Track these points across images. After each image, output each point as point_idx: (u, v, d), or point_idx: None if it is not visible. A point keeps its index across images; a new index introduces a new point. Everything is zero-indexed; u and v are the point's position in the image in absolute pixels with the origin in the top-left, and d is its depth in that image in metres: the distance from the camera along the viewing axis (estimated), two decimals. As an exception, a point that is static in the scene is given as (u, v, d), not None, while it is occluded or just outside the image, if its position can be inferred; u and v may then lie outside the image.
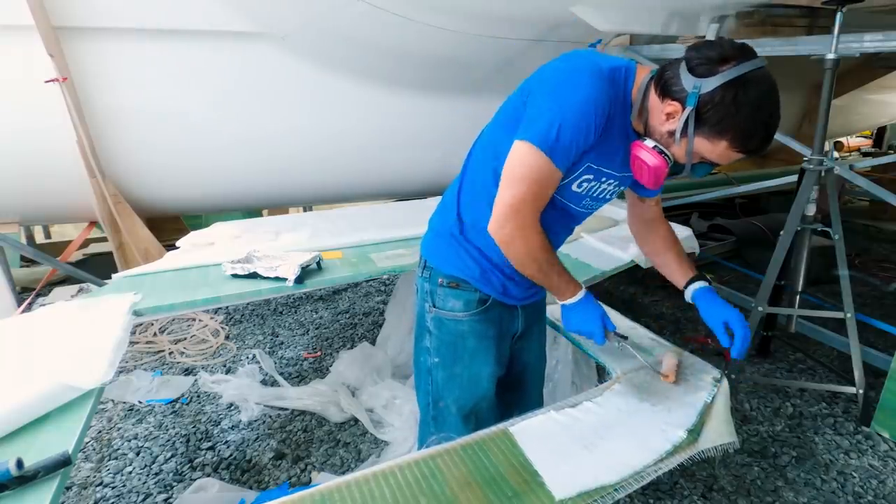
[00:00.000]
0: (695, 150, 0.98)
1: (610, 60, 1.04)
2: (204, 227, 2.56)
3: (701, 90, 0.91)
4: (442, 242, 1.26)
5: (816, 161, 2.32)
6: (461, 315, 1.24)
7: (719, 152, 0.97)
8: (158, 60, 2.82)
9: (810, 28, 3.06)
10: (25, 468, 0.90)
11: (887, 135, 8.42)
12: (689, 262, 1.32)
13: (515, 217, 1.05)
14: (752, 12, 2.86)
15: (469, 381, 1.27)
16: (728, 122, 0.92)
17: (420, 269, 1.31)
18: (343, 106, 3.26)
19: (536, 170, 1.02)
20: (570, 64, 1.03)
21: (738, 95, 0.90)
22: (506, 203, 1.05)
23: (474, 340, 1.26)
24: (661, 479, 1.92)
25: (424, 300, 1.29)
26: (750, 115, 0.91)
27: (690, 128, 0.95)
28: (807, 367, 2.72)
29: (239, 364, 2.80)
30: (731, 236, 4.27)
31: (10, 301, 3.14)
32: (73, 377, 1.18)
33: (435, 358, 1.28)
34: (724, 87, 0.90)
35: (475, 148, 1.24)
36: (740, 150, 0.95)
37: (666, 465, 0.96)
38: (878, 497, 1.89)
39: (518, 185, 1.04)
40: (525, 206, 1.04)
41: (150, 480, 2.00)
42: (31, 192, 2.95)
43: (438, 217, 1.31)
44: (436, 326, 1.27)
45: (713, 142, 0.95)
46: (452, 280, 1.23)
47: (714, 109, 0.92)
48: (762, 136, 0.93)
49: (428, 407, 1.32)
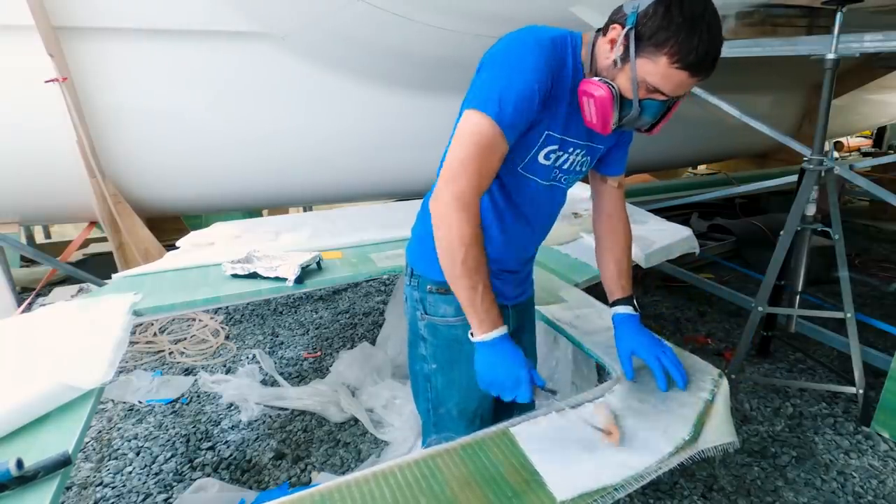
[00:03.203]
0: (638, 74, 0.95)
1: (553, 31, 1.04)
2: (204, 227, 2.56)
3: (639, 9, 0.92)
4: (426, 248, 1.19)
5: (816, 161, 2.32)
6: (454, 320, 1.21)
7: (662, 72, 0.93)
8: (158, 60, 2.82)
9: (810, 28, 3.06)
10: (25, 468, 0.90)
11: (887, 135, 8.43)
12: (627, 281, 1.29)
13: (453, 184, 0.99)
14: (752, 12, 2.85)
15: (468, 384, 1.24)
16: (663, 33, 0.91)
17: (407, 278, 1.28)
18: (343, 106, 3.26)
19: (482, 134, 0.98)
20: (511, 38, 1.02)
21: (671, 6, 0.90)
22: (448, 166, 1.00)
23: (470, 344, 1.21)
24: (661, 479, 1.92)
25: (415, 308, 1.26)
26: (685, 26, 0.90)
27: (632, 49, 0.94)
28: (807, 367, 2.72)
29: (239, 364, 2.80)
30: (731, 236, 4.27)
31: (10, 301, 3.14)
32: (73, 377, 1.18)
33: (432, 364, 1.26)
34: (659, 1, 0.91)
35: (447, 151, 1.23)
36: (682, 67, 0.92)
37: (666, 465, 0.95)
38: (878, 497, 1.89)
39: (463, 148, 0.99)
40: (464, 172, 0.98)
41: (150, 480, 2.00)
42: (31, 192, 2.95)
43: (420, 223, 1.27)
44: (430, 333, 1.25)
45: (654, 59, 0.93)
46: (441, 286, 1.18)
47: (650, 21, 0.91)
48: (703, 50, 0.91)
49: (429, 413, 1.31)
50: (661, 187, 4.37)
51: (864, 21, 2.81)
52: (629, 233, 1.31)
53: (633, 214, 2.68)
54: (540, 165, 1.11)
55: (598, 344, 1.36)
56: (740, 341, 2.41)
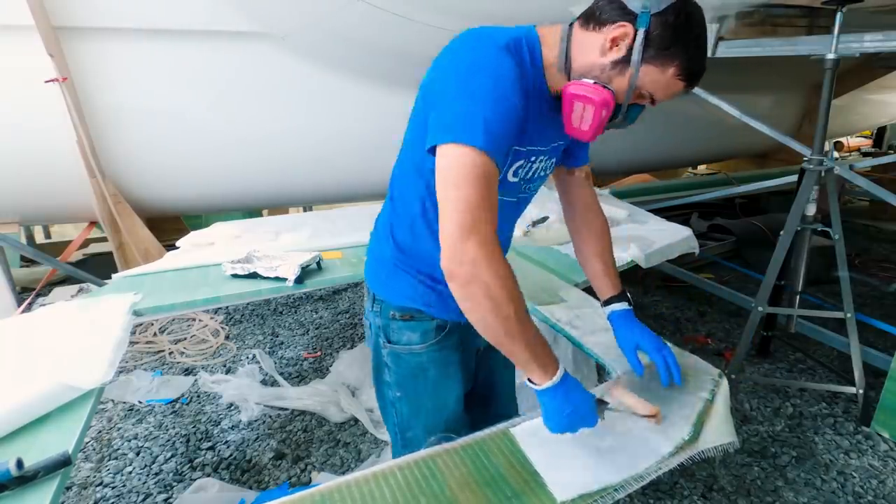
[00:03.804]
0: (639, 80, 0.89)
1: (505, 32, 0.94)
2: (204, 227, 2.56)
3: (650, 10, 0.86)
4: (387, 272, 1.14)
5: (816, 161, 2.32)
6: (418, 348, 1.13)
7: (665, 81, 0.90)
8: (158, 60, 2.82)
9: (810, 28, 3.06)
10: (25, 468, 0.90)
11: (887, 135, 8.42)
12: (615, 276, 1.22)
13: (472, 234, 0.82)
14: (752, 12, 2.85)
15: (435, 408, 1.19)
16: (679, 45, 0.87)
17: (369, 303, 1.19)
18: (343, 106, 3.26)
19: (476, 166, 0.84)
20: (469, 46, 0.91)
21: (690, 16, 0.87)
22: (454, 221, 0.83)
23: (436, 370, 1.16)
24: (661, 479, 1.91)
25: (377, 335, 1.17)
26: (695, 40, 0.88)
27: (637, 52, 0.87)
28: (807, 367, 2.72)
29: (239, 364, 2.80)
30: (731, 236, 4.27)
31: (10, 301, 3.14)
32: (73, 377, 1.18)
33: (397, 392, 1.19)
34: (675, 8, 0.86)
35: (397, 172, 1.13)
36: (684, 79, 0.90)
37: (666, 465, 0.95)
38: (878, 497, 1.89)
39: (463, 191, 0.83)
40: (480, 216, 0.83)
41: (150, 480, 2.00)
42: (31, 192, 2.95)
43: (376, 244, 1.18)
44: (393, 362, 1.17)
45: (662, 69, 0.88)
46: (405, 312, 1.12)
47: (665, 30, 0.86)
48: (703, 64, 0.90)
49: (397, 436, 1.24)
50: (661, 187, 4.37)
51: (864, 21, 2.81)
52: (606, 223, 1.25)
53: (634, 214, 2.69)
54: (509, 184, 1.04)
55: (598, 344, 1.36)
56: (740, 341, 2.41)
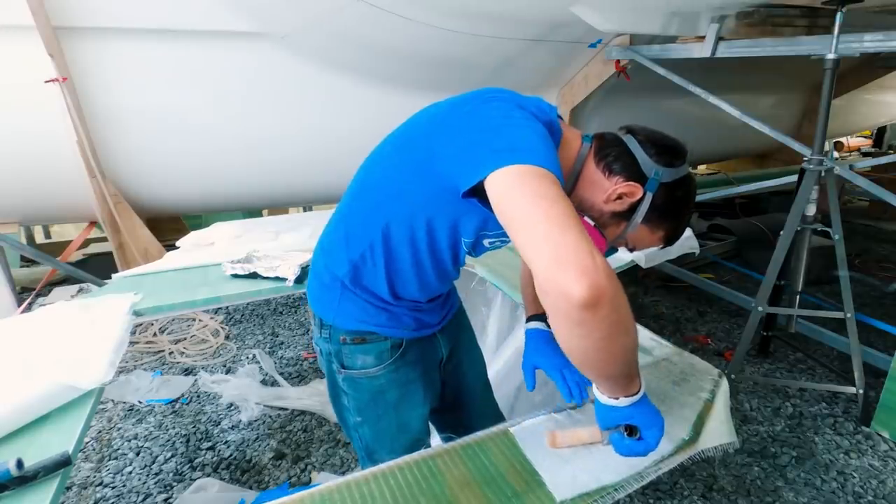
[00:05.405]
0: (629, 234, 0.95)
1: (524, 97, 0.90)
2: (204, 227, 2.56)
3: (662, 179, 0.91)
4: (334, 296, 1.09)
5: (816, 161, 2.32)
6: (374, 371, 1.09)
7: (649, 240, 0.96)
8: (159, 60, 2.82)
9: (810, 28, 3.06)
10: (25, 468, 0.90)
11: (887, 135, 8.42)
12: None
13: (577, 251, 0.65)
14: (752, 12, 2.85)
15: (399, 429, 1.15)
16: (674, 215, 0.94)
17: (317, 329, 1.14)
18: (343, 106, 3.25)
19: (554, 186, 0.71)
20: (492, 91, 0.89)
21: (688, 193, 0.94)
22: (548, 247, 0.66)
23: (396, 390, 1.12)
24: (661, 479, 1.92)
25: (330, 362, 1.12)
26: (688, 214, 0.97)
27: (641, 215, 0.92)
28: (807, 367, 2.72)
29: (239, 364, 2.80)
30: (731, 236, 4.27)
31: (10, 301, 3.14)
32: (73, 377, 1.18)
33: (357, 417, 1.15)
34: (680, 182, 0.92)
35: (356, 200, 1.12)
36: (666, 242, 0.98)
37: (666, 465, 0.96)
38: (878, 497, 1.89)
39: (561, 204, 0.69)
40: (574, 224, 0.68)
41: (150, 480, 2.00)
42: (31, 192, 2.95)
43: (323, 265, 1.12)
44: (350, 388, 1.12)
45: (652, 231, 0.95)
46: (356, 335, 1.08)
47: (669, 202, 0.92)
48: (683, 231, 0.99)
49: (364, 458, 1.21)
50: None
51: (864, 21, 2.81)
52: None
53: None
54: (483, 248, 1.04)
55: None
56: (740, 341, 2.41)
